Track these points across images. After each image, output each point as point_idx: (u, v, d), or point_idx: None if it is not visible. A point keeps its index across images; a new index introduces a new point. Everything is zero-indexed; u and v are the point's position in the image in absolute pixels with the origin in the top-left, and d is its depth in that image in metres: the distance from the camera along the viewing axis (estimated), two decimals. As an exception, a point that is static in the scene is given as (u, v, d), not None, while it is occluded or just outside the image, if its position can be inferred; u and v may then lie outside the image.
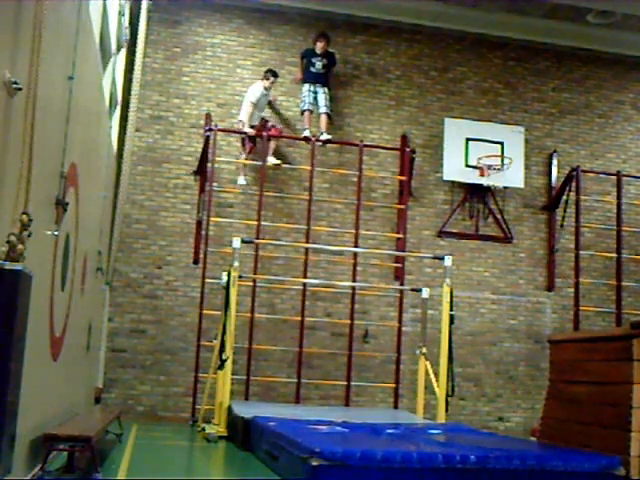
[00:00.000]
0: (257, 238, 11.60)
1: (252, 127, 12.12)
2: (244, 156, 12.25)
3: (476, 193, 13.22)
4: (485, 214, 13.28)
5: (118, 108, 11.97)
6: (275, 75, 12.29)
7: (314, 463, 5.49)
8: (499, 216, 13.27)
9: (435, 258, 11.28)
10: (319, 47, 12.56)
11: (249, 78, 12.74)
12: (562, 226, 13.22)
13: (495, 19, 13.23)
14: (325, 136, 12.37)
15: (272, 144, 12.29)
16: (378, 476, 5.57)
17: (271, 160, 12.22)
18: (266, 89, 12.21)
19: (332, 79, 12.82)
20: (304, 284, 11.91)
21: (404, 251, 12.35)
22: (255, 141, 12.27)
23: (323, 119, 12.43)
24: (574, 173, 13.03)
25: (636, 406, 6.43)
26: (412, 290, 11.78)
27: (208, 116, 12.33)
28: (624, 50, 13.99)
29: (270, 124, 12.36)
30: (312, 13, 13.00)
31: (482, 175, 12.88)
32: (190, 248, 12.11)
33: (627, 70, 14.32)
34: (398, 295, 12.39)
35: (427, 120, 13.35)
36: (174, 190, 12.30)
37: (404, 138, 13.01)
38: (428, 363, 10.57)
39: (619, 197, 13.20)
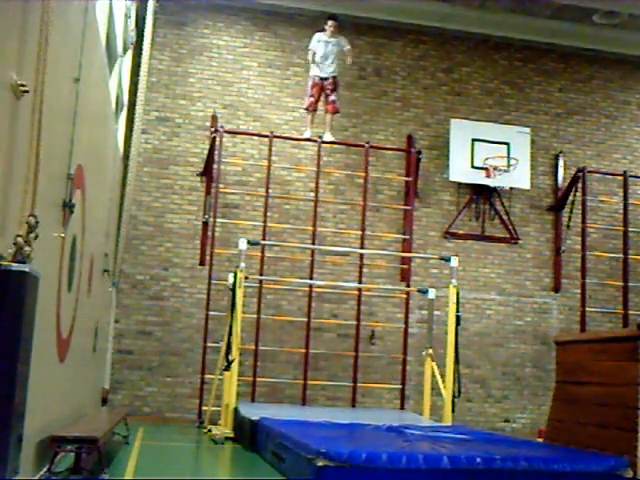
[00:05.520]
0: (263, 239, 11.61)
1: (320, 78, 11.99)
2: (307, 102, 12.08)
3: (482, 194, 13.21)
4: (491, 215, 13.26)
5: (124, 110, 12.00)
6: (332, 18, 12.03)
7: (320, 464, 5.48)
8: (505, 217, 13.26)
9: (441, 259, 11.25)
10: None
11: (255, 79, 12.78)
12: (568, 227, 13.21)
13: (500, 20, 13.23)
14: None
15: (328, 118, 12.17)
16: (384, 477, 5.55)
17: (327, 137, 12.17)
18: (320, 40, 11.97)
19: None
20: (310, 285, 11.92)
21: (410, 252, 12.35)
22: (319, 96, 12.11)
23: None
24: (580, 174, 13.01)
25: (643, 407, 6.41)
26: (418, 291, 11.75)
27: (214, 117, 12.35)
28: (630, 50, 13.96)
29: (330, 92, 12.06)
30: (318, 14, 12.99)
31: (488, 176, 12.87)
32: (196, 249, 12.13)
33: (633, 70, 14.28)
34: (404, 296, 12.38)
35: (433, 121, 13.35)
36: (180, 192, 12.33)
37: (410, 139, 13.01)
38: (434, 364, 10.55)
39: (625, 197, 13.17)
